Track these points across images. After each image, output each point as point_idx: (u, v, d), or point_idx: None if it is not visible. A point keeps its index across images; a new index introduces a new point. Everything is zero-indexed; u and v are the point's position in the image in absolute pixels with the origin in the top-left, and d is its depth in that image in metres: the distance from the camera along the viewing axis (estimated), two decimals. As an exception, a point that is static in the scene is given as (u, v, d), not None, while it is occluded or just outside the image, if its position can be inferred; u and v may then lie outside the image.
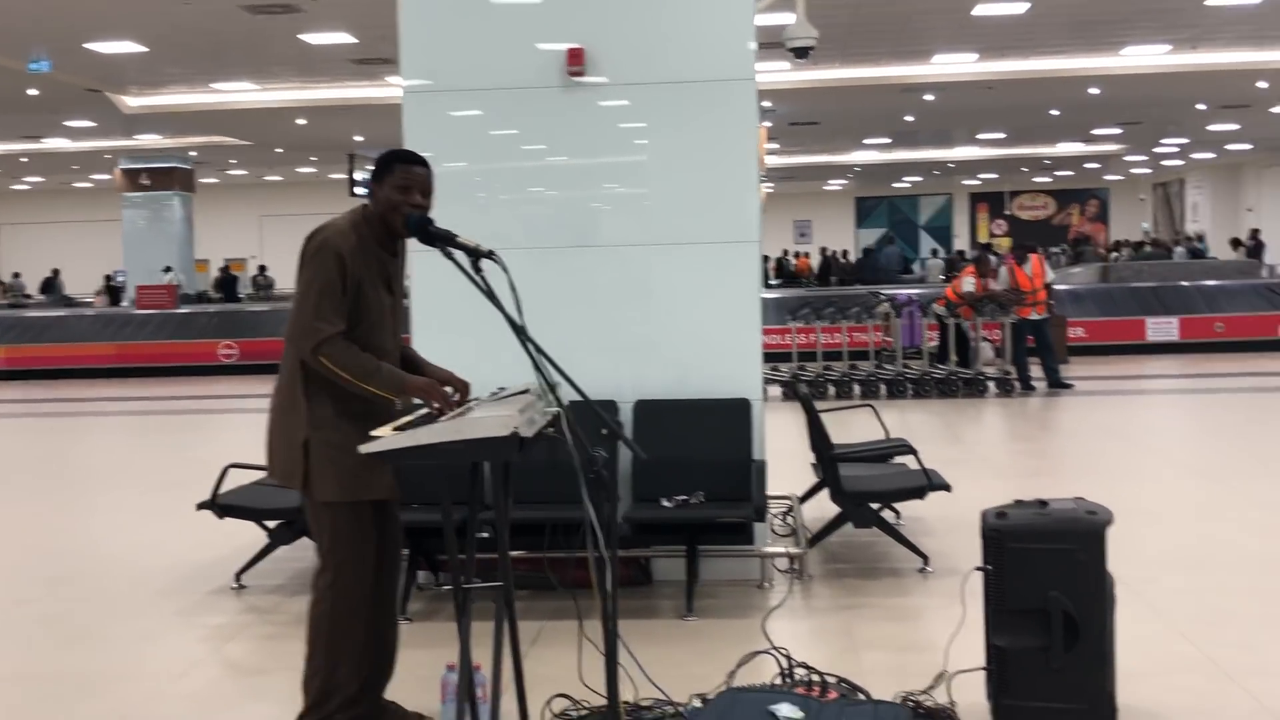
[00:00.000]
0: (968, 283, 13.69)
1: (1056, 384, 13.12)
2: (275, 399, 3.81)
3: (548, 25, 5.81)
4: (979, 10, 13.19)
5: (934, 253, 36.02)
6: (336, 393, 3.68)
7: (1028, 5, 13.06)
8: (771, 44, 10.81)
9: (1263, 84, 19.15)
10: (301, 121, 20.86)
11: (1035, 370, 13.28)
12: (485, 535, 4.30)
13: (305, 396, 3.72)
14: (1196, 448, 10.09)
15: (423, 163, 3.80)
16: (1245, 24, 14.50)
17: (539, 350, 3.41)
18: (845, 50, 15.46)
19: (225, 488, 6.03)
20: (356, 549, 3.74)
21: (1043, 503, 3.95)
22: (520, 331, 3.39)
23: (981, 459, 9.70)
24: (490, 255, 3.54)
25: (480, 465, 3.68)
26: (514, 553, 4.38)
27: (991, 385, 13.09)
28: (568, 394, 3.47)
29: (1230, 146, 30.22)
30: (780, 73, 15.73)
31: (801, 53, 10.19)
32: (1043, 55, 16.49)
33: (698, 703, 3.90)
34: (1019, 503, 4.02)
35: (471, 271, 3.52)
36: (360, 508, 3.74)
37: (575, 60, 5.74)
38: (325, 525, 3.76)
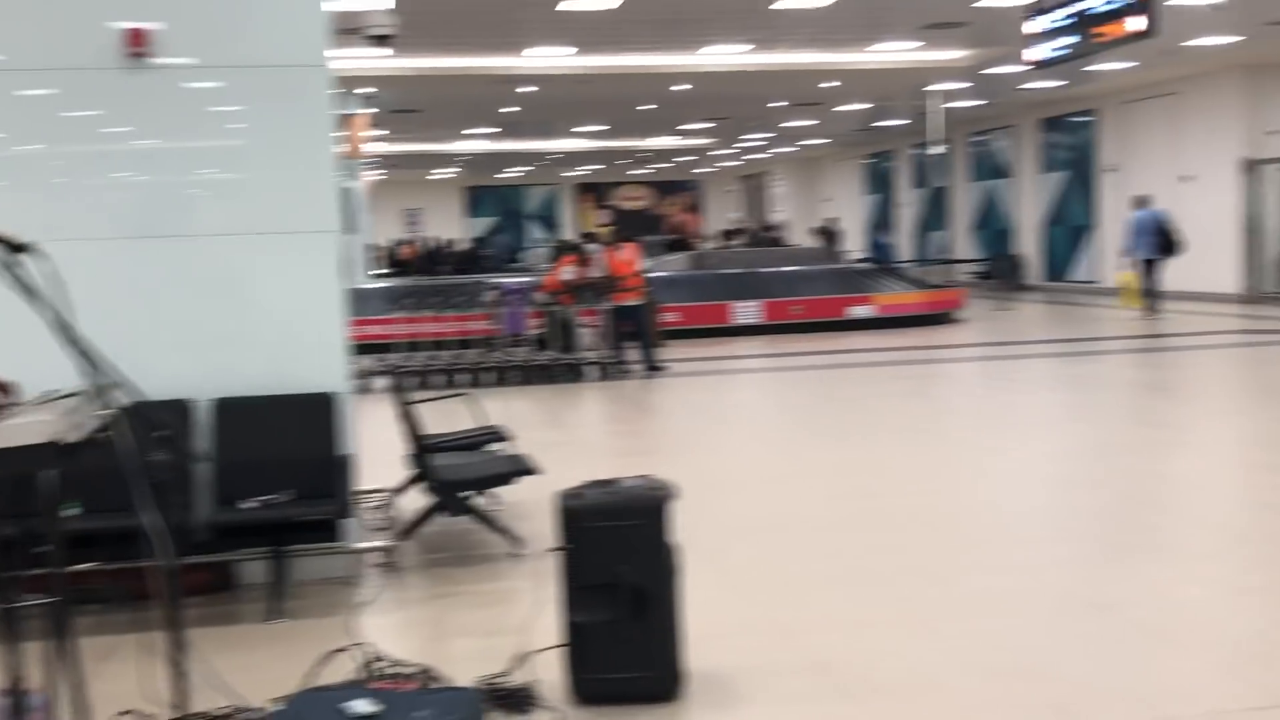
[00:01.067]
0: (567, 271, 14.07)
1: (651, 367, 13.72)
2: None
3: (116, 3, 5.47)
4: (566, 5, 13.53)
5: (539, 242, 36.79)
6: None
7: (618, 2, 13.53)
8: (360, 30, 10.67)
9: (833, 83, 20.76)
10: None
11: (632, 354, 13.84)
12: (46, 549, 4.01)
13: None
14: (774, 422, 10.85)
15: None
16: (812, 26, 15.64)
17: (87, 350, 3.21)
18: (441, 39, 15.47)
19: None
20: None
21: (612, 481, 4.13)
22: (64, 330, 3.17)
23: (581, 441, 10.02)
24: (27, 248, 3.29)
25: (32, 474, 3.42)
26: (80, 566, 4.12)
27: (592, 370, 13.53)
28: (135, 393, 3.30)
29: (807, 141, 32.62)
30: (378, 59, 15.52)
31: (380, 40, 10.11)
32: (633, 51, 17.13)
33: (275, 706, 3.81)
34: (593, 483, 4.19)
35: (6, 265, 3.25)
36: None
37: (137, 41, 5.44)
38: None
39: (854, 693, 4.10)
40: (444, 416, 7.31)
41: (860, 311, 18.27)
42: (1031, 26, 12.78)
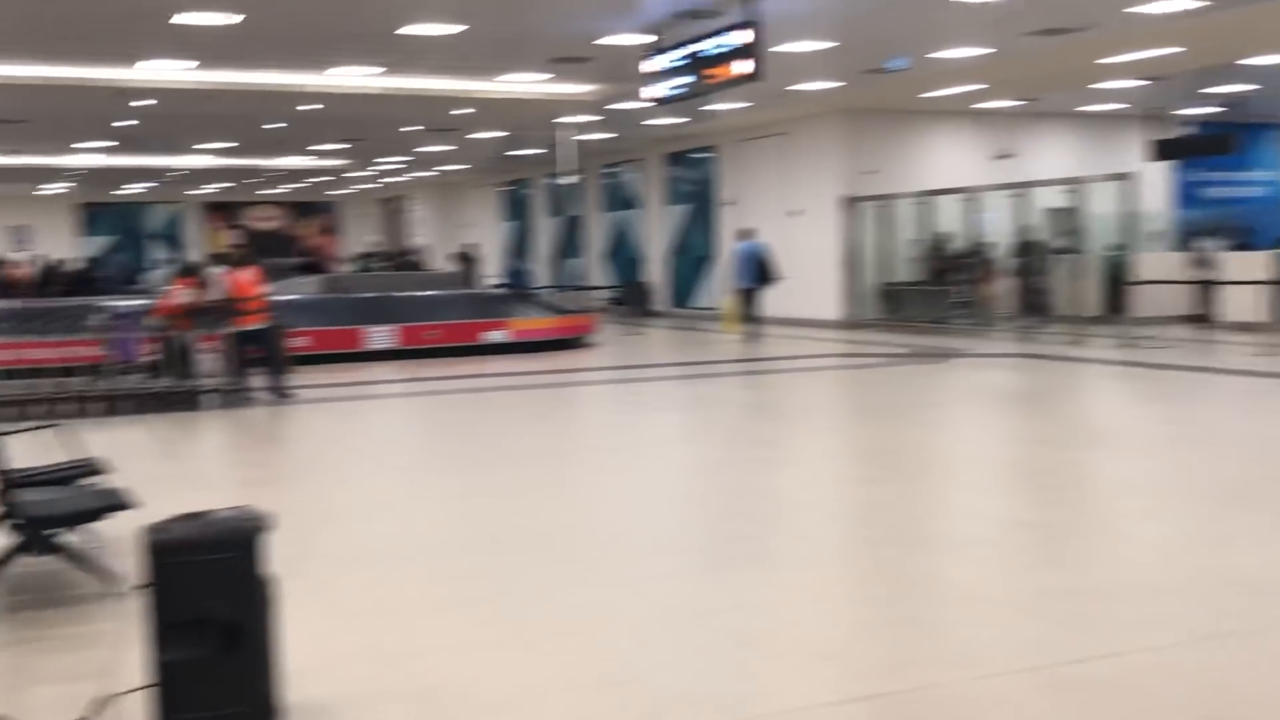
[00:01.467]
0: (183, 294, 13.44)
1: (279, 393, 13.30)
2: None
3: None
4: (180, 19, 12.92)
5: (161, 263, 35.04)
6: None
7: (241, 17, 13.06)
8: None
9: (466, 110, 20.87)
10: None
11: (258, 380, 13.37)
12: None
13: None
14: (402, 448, 10.77)
15: None
16: (442, 54, 15.68)
17: None
18: (43, 47, 14.44)
19: None
20: None
21: (202, 514, 3.98)
22: None
23: (195, 473, 9.60)
24: None
25: None
26: None
27: (213, 398, 12.96)
28: None
29: (446, 166, 32.66)
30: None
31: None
32: (258, 69, 16.60)
33: None
34: (182, 516, 4.02)
35: None
36: None
37: None
38: None
39: (456, 714, 4.13)
40: (37, 449, 6.82)
41: (495, 336, 18.47)
42: (650, 65, 13.38)
